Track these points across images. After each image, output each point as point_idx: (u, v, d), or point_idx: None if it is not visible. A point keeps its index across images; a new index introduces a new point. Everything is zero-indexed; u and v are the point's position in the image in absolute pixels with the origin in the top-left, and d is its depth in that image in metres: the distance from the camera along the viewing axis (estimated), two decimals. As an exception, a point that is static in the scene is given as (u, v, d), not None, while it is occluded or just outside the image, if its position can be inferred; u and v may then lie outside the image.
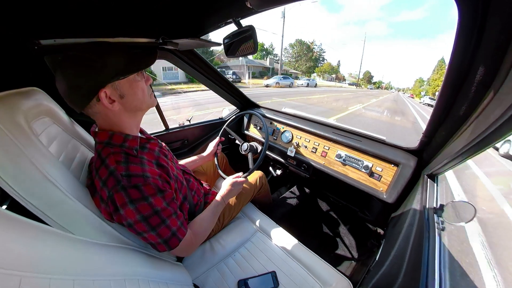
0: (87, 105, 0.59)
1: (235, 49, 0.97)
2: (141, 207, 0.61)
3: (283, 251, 1.01)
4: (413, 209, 0.78)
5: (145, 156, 0.70)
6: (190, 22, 0.85)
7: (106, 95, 0.59)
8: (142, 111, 0.73)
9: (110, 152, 0.64)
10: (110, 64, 0.58)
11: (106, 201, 0.62)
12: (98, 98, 0.59)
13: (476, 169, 4.15)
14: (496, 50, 0.45)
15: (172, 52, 1.15)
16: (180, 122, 1.65)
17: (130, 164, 0.63)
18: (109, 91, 0.60)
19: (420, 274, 0.53)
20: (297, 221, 1.68)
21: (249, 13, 0.78)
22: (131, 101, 0.65)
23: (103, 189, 0.62)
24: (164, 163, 0.75)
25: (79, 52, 0.55)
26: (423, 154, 0.98)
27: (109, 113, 0.63)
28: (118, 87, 0.61)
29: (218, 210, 0.97)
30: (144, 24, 0.74)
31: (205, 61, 1.33)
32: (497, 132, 0.49)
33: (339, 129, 1.36)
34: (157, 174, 0.67)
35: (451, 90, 0.61)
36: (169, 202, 0.68)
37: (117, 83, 0.61)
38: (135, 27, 0.74)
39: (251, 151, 1.45)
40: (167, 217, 0.66)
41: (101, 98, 0.58)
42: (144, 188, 0.62)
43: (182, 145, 1.65)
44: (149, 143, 0.76)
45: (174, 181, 0.77)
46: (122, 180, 0.60)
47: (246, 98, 1.85)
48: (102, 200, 0.63)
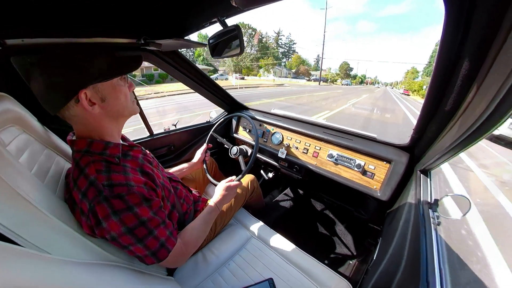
0: (65, 106, 0.57)
1: (221, 49, 0.96)
2: (126, 218, 0.58)
3: (280, 257, 1.00)
4: (408, 206, 0.80)
5: (128, 164, 0.67)
6: (173, 21, 0.83)
7: (86, 97, 0.57)
8: (124, 118, 0.71)
9: (89, 161, 0.60)
10: (95, 66, 0.57)
11: (87, 214, 0.58)
12: (77, 99, 0.56)
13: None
14: (481, 44, 0.47)
15: (154, 53, 1.12)
16: (165, 127, 1.61)
17: (112, 173, 0.60)
18: (90, 93, 0.58)
19: (420, 270, 0.54)
20: (292, 224, 1.67)
21: (234, 12, 0.77)
22: (113, 106, 0.64)
23: (83, 201, 0.58)
24: (149, 170, 0.73)
25: (63, 51, 0.54)
26: (415, 150, 1.01)
27: (88, 116, 0.61)
28: (100, 90, 0.60)
29: (211, 218, 0.94)
30: (124, 24, 0.71)
31: (189, 62, 1.30)
32: (485, 125, 0.51)
33: (330, 129, 1.38)
34: (142, 182, 0.65)
35: (439, 85, 0.63)
36: (156, 211, 0.66)
37: (99, 85, 0.59)
38: (114, 26, 0.70)
39: (241, 154, 1.44)
40: (155, 227, 0.64)
41: (81, 99, 0.56)
42: (128, 197, 0.59)
43: (169, 151, 1.61)
44: (132, 151, 0.74)
45: (161, 189, 0.74)
46: (104, 190, 0.57)
47: (234, 100, 1.84)
48: (83, 213, 0.59)
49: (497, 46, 0.43)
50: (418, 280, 0.52)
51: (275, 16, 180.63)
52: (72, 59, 0.54)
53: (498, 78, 0.43)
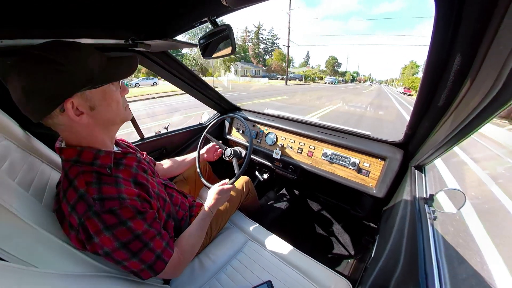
0: (48, 115, 0.52)
1: (212, 50, 0.96)
2: (119, 233, 0.56)
3: (277, 258, 0.99)
4: (403, 202, 0.81)
5: (120, 175, 0.64)
6: (162, 21, 0.81)
7: (73, 106, 0.53)
8: (116, 125, 0.68)
9: (79, 172, 0.57)
10: (83, 70, 0.52)
11: (76, 229, 0.55)
12: (62, 108, 0.52)
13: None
14: (472, 39, 0.48)
15: (143, 54, 1.10)
16: (156, 130, 1.58)
17: (103, 185, 0.58)
18: (77, 102, 0.53)
19: (418, 265, 0.55)
20: (289, 225, 1.67)
21: (225, 11, 0.77)
22: (103, 114, 0.60)
23: (72, 215, 0.55)
24: (143, 180, 0.70)
25: (44, 52, 0.49)
26: (409, 146, 1.03)
27: (75, 126, 0.57)
28: (89, 97, 0.55)
29: (206, 223, 0.93)
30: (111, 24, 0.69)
31: (180, 63, 1.29)
32: (478, 119, 0.53)
33: (323, 128, 1.39)
34: (135, 194, 0.62)
35: (431, 81, 0.64)
36: (151, 223, 0.63)
37: (88, 92, 0.54)
38: (101, 26, 0.68)
39: (235, 156, 1.43)
40: (150, 240, 0.62)
41: (66, 109, 0.52)
42: (120, 212, 0.56)
43: (160, 155, 1.58)
44: (125, 158, 0.70)
45: (155, 200, 0.72)
46: (95, 205, 0.54)
47: (227, 101, 1.83)
48: (72, 227, 0.56)
49: (488, 40, 0.44)
50: (417, 274, 0.53)
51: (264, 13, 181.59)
52: (57, 62, 0.49)
53: (492, 72, 0.44)
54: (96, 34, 0.69)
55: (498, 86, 0.43)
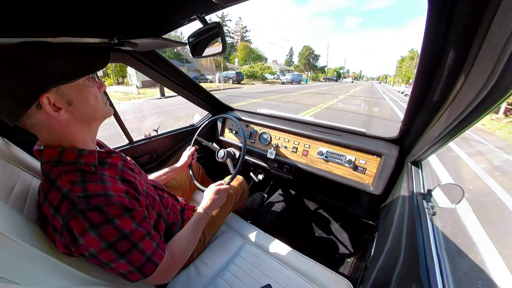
0: (24, 114, 0.51)
1: (202, 48, 0.94)
2: (106, 232, 0.54)
3: (276, 261, 0.98)
4: (401, 198, 0.82)
5: (106, 172, 0.63)
6: (149, 19, 0.79)
7: (50, 102, 0.52)
8: (97, 121, 0.67)
9: (61, 172, 0.55)
10: (54, 66, 0.51)
11: (60, 231, 0.53)
12: (38, 105, 0.51)
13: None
14: (465, 33, 0.49)
15: (130, 54, 1.07)
16: (145, 133, 1.54)
17: (88, 183, 0.56)
18: (53, 97, 0.53)
19: (419, 262, 0.55)
20: (287, 226, 1.67)
21: (214, 9, 0.76)
22: (82, 109, 0.59)
23: (55, 217, 0.53)
24: (131, 177, 0.69)
25: (13, 52, 0.49)
26: (404, 142, 1.04)
27: (54, 123, 0.56)
28: (65, 93, 0.55)
29: (200, 226, 0.91)
30: (94, 21, 0.66)
31: (169, 63, 1.26)
32: (473, 113, 0.53)
33: (318, 126, 1.40)
34: (122, 191, 0.61)
35: (425, 76, 0.65)
36: (140, 221, 0.62)
37: (63, 88, 0.54)
38: (83, 24, 0.65)
39: (229, 157, 1.42)
40: (139, 240, 0.60)
41: (43, 104, 0.51)
42: (107, 209, 0.55)
43: (151, 159, 1.54)
44: (110, 158, 0.69)
45: (144, 197, 0.70)
46: (79, 203, 0.52)
47: (218, 101, 1.81)
48: (56, 231, 0.54)
49: (482, 34, 0.45)
50: (418, 271, 0.53)
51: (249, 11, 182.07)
52: (25, 60, 0.49)
53: (486, 66, 0.45)
54: (78, 33, 0.66)
55: (492, 80, 0.43)
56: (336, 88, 28.55)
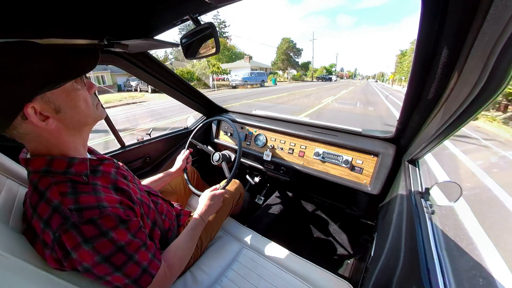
0: (9, 126, 0.48)
1: (195, 49, 0.94)
2: (100, 245, 0.52)
3: (275, 265, 0.97)
4: (399, 197, 0.82)
5: (98, 182, 0.61)
6: (140, 19, 0.78)
7: (36, 111, 0.49)
8: (88, 126, 0.64)
9: (50, 183, 0.53)
10: (37, 71, 0.48)
11: (51, 246, 0.51)
12: (24, 115, 0.48)
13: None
14: (458, 30, 0.49)
15: (120, 55, 1.05)
16: (138, 137, 1.52)
17: (80, 194, 0.54)
18: (39, 106, 0.49)
19: (419, 262, 0.55)
20: (284, 229, 1.66)
21: (207, 9, 0.75)
22: (72, 115, 0.56)
23: (45, 232, 0.51)
24: (124, 186, 0.67)
25: None
26: (401, 141, 1.05)
27: (43, 133, 0.53)
28: (52, 99, 0.51)
29: (196, 233, 0.89)
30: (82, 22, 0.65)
31: (161, 64, 1.25)
32: (468, 110, 0.54)
33: (314, 126, 1.40)
34: (116, 202, 0.59)
35: (420, 74, 0.66)
36: (136, 232, 0.60)
37: (49, 94, 0.51)
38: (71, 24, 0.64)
39: (224, 160, 1.41)
40: (135, 252, 0.58)
41: (28, 115, 0.48)
42: (101, 221, 0.53)
43: (144, 164, 1.52)
44: (102, 165, 0.67)
45: (139, 206, 0.68)
46: (72, 216, 0.50)
47: (212, 103, 1.80)
48: (46, 246, 0.52)
49: (474, 32, 0.45)
50: (418, 272, 0.53)
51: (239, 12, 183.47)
52: (4, 66, 0.44)
53: (478, 63, 0.46)
54: (65, 33, 0.64)
55: (484, 77, 0.44)
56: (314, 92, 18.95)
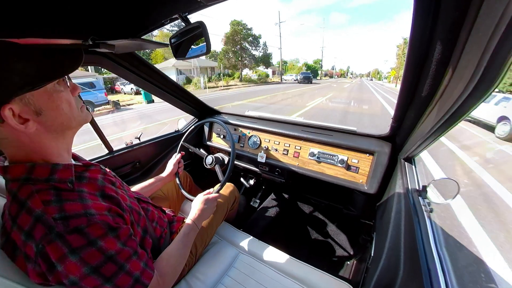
0: None
1: (185, 49, 0.92)
2: (88, 255, 0.50)
3: (273, 270, 0.96)
4: (397, 195, 0.83)
5: (84, 189, 0.58)
6: (127, 18, 0.76)
7: (14, 113, 0.47)
8: (72, 130, 0.62)
9: (32, 191, 0.51)
10: (16, 71, 0.46)
11: (34, 259, 0.48)
12: (1, 118, 0.46)
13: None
14: (452, 26, 0.50)
15: (106, 56, 1.03)
16: (127, 142, 1.48)
17: (65, 202, 0.52)
18: (17, 108, 0.47)
19: (419, 261, 0.56)
20: (282, 232, 1.66)
21: (197, 7, 0.74)
22: (54, 118, 0.54)
23: (27, 244, 0.48)
24: (112, 193, 0.65)
25: None
26: (396, 138, 1.07)
27: (22, 137, 0.51)
28: (31, 101, 0.50)
29: (190, 239, 0.87)
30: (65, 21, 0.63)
31: (150, 65, 1.23)
32: (463, 106, 0.55)
33: (308, 126, 1.40)
34: (105, 209, 0.57)
35: (414, 72, 0.67)
36: (126, 240, 0.58)
37: (29, 96, 0.49)
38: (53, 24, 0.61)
39: (217, 163, 1.39)
40: (126, 261, 0.56)
41: (5, 118, 0.46)
42: (89, 230, 0.51)
43: (134, 169, 1.48)
44: (88, 171, 0.65)
45: (128, 213, 0.66)
46: (56, 226, 0.48)
47: (204, 105, 1.79)
48: (28, 259, 0.49)
49: (468, 27, 0.46)
50: (419, 271, 0.53)
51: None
52: None
53: (472, 59, 0.46)
54: (47, 33, 0.62)
55: (479, 73, 0.45)
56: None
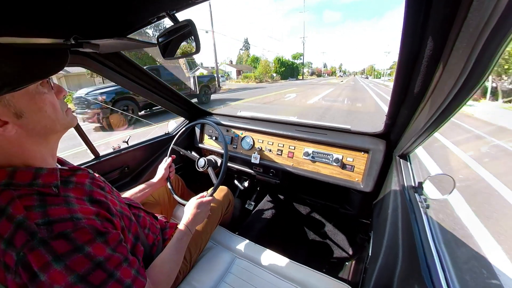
0: None
1: (174, 49, 0.91)
2: (75, 262, 0.47)
3: (271, 274, 0.96)
4: (393, 193, 0.84)
5: (71, 194, 0.56)
6: (112, 16, 0.74)
7: None
8: (57, 134, 0.60)
9: (13, 196, 0.49)
10: None
11: (14, 270, 0.45)
12: None
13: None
14: (443, 23, 0.51)
15: (90, 56, 1.00)
16: (114, 146, 1.44)
17: (50, 207, 0.50)
18: None
19: (418, 258, 0.56)
20: (278, 234, 1.66)
21: (185, 5, 0.73)
22: (37, 121, 0.53)
23: (7, 253, 0.46)
24: (101, 197, 0.63)
25: None
26: (390, 136, 1.09)
27: (0, 141, 0.49)
28: (12, 103, 0.48)
29: (183, 244, 0.86)
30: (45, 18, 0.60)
31: (137, 65, 1.20)
32: (454, 102, 0.56)
33: (302, 125, 1.41)
34: (93, 213, 0.55)
35: (406, 68, 0.68)
36: (115, 246, 0.56)
37: (9, 97, 0.47)
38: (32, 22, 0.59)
39: (210, 165, 1.37)
40: (116, 268, 0.54)
41: None
42: (75, 235, 0.49)
43: (122, 174, 1.45)
44: (75, 176, 0.62)
45: (118, 219, 0.64)
46: (39, 231, 0.46)
47: (195, 106, 1.77)
48: (8, 269, 0.46)
49: (459, 23, 0.47)
50: (418, 268, 0.54)
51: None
52: None
53: (462, 54, 0.47)
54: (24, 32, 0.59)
55: (468, 69, 0.46)
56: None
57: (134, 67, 1.20)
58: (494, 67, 0.44)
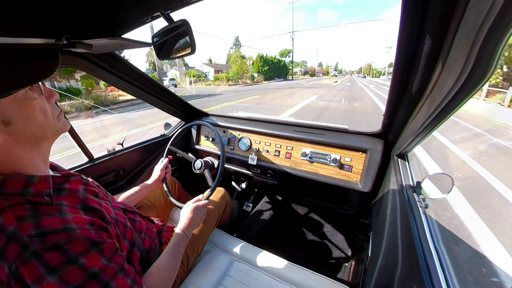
0: None
1: (169, 49, 0.90)
2: (69, 274, 0.47)
3: (270, 276, 0.95)
4: (391, 193, 0.84)
5: (64, 202, 0.55)
6: (106, 16, 0.73)
7: None
8: (48, 140, 0.59)
9: (4, 206, 0.47)
10: None
11: (6, 283, 0.44)
12: None
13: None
14: (441, 20, 0.51)
15: (83, 56, 0.98)
16: (109, 148, 1.43)
17: (42, 217, 0.48)
18: None
19: (418, 258, 0.56)
20: (277, 236, 1.65)
21: (180, 5, 0.73)
22: (26, 128, 0.51)
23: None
24: (95, 204, 0.62)
25: None
26: (388, 135, 1.09)
27: None
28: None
29: (180, 250, 0.85)
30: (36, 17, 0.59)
31: (131, 65, 1.19)
32: (453, 101, 0.56)
33: (299, 126, 1.41)
34: (86, 222, 0.54)
35: (403, 67, 0.68)
36: (111, 256, 0.55)
37: None
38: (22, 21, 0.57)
39: (207, 167, 1.36)
40: (111, 278, 0.53)
41: None
42: (69, 246, 0.48)
43: (117, 177, 1.43)
44: (68, 182, 0.61)
45: (113, 226, 0.63)
46: (32, 244, 0.45)
47: (191, 107, 1.76)
48: (0, 283, 0.45)
49: (457, 20, 0.47)
50: (418, 268, 0.54)
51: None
52: None
53: (462, 52, 0.47)
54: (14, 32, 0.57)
55: (469, 67, 0.46)
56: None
57: (128, 68, 1.19)
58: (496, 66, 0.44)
